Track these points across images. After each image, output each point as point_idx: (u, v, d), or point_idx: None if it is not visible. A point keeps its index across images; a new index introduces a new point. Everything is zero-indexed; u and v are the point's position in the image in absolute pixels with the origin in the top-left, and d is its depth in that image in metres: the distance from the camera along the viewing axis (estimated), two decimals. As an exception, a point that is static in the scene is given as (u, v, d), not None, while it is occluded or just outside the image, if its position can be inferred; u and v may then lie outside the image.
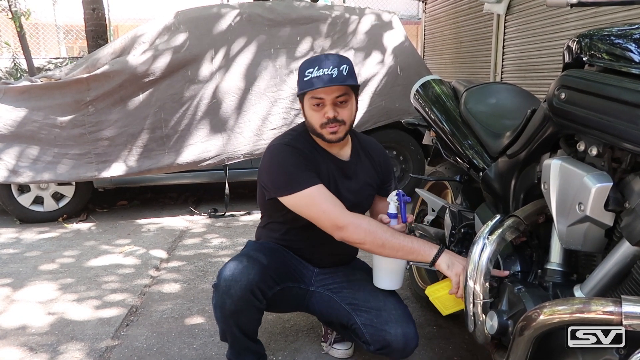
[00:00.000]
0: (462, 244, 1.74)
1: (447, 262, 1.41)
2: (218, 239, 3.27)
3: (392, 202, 1.54)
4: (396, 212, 1.54)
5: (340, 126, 1.53)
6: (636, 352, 0.89)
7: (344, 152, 1.66)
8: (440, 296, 1.48)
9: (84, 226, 3.60)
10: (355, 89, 1.56)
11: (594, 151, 1.07)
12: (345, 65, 1.49)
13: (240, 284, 1.47)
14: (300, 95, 1.55)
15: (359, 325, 1.57)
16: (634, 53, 0.98)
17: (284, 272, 1.62)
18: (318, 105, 1.51)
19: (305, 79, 1.49)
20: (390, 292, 1.62)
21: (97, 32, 6.01)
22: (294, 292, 1.66)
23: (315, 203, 1.48)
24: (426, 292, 1.51)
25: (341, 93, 1.50)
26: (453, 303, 1.47)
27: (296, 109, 3.71)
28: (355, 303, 1.62)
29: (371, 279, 1.64)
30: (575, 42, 1.15)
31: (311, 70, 1.48)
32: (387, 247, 1.44)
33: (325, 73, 1.46)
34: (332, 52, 3.84)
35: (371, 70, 3.88)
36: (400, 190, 1.56)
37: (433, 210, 2.12)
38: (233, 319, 1.52)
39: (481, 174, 1.67)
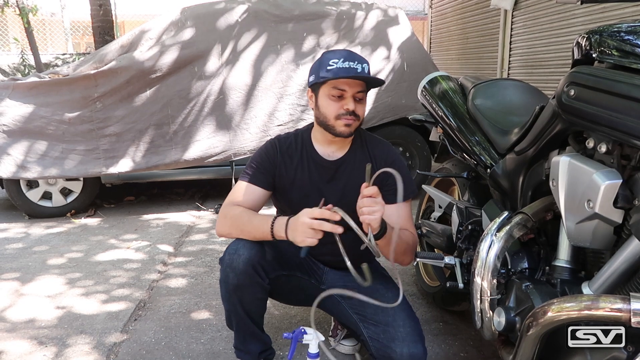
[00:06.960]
0: (470, 240, 1.74)
1: (278, 227, 1.40)
2: (224, 235, 3.28)
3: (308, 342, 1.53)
4: (317, 351, 1.53)
5: (355, 120, 1.50)
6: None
7: (339, 152, 1.61)
8: None
9: (91, 221, 3.63)
10: (379, 85, 1.55)
11: (603, 148, 1.07)
12: (366, 65, 1.48)
13: (242, 257, 1.48)
14: (316, 85, 1.51)
15: (366, 337, 1.55)
16: (645, 50, 0.98)
17: (291, 261, 1.63)
18: (339, 96, 1.48)
19: (330, 67, 1.45)
20: (403, 305, 1.49)
21: (103, 28, 6.04)
22: (303, 283, 1.66)
23: (232, 192, 1.60)
24: None
25: (362, 89, 1.49)
26: None
27: (302, 105, 3.71)
28: (363, 314, 1.57)
29: (384, 288, 1.60)
30: (584, 39, 1.14)
31: (336, 60, 1.45)
32: (245, 232, 1.50)
33: (351, 66, 1.44)
34: (339, 47, 3.83)
35: (377, 66, 3.87)
36: (301, 328, 1.53)
37: (440, 207, 2.12)
38: (237, 295, 1.51)
39: (489, 170, 1.67)
